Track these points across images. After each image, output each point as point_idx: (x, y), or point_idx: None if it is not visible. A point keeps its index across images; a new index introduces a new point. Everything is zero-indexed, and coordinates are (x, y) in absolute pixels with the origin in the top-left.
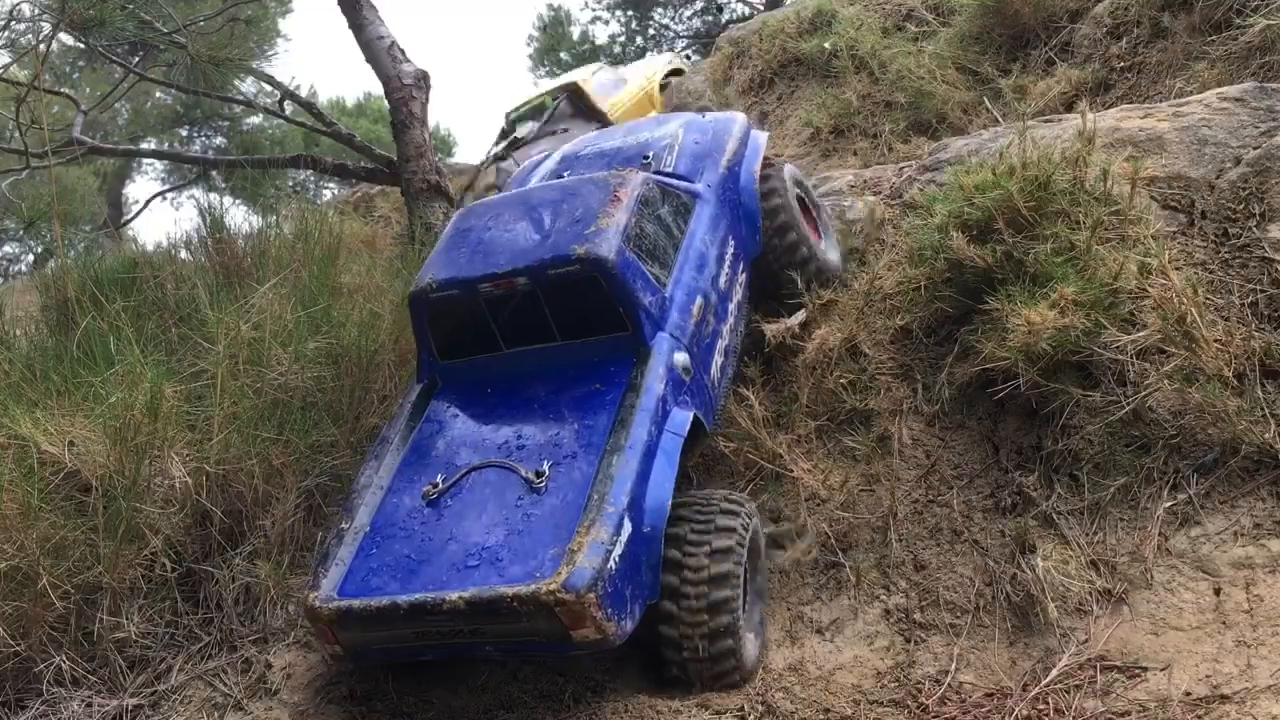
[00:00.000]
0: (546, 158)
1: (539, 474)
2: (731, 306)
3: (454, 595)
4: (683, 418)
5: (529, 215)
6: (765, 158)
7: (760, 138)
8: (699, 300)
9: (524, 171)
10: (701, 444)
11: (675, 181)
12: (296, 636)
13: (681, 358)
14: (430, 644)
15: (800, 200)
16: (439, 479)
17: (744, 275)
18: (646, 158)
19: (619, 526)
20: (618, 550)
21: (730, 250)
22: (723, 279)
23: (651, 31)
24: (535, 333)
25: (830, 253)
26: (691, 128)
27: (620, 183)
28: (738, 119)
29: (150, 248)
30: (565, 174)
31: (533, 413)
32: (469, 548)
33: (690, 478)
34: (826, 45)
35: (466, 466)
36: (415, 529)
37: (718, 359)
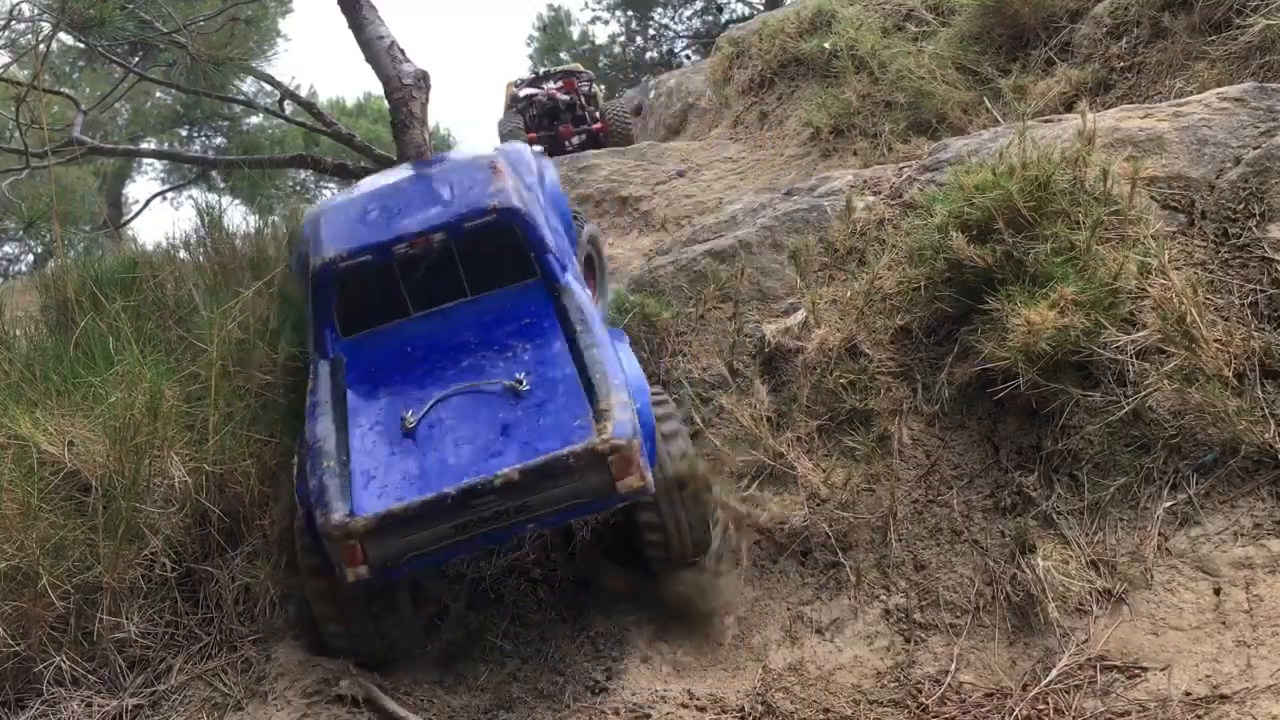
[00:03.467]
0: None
1: (519, 380)
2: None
3: (506, 469)
4: (618, 332)
5: (419, 193)
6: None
7: (550, 161)
8: (575, 259)
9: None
10: None
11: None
12: (296, 636)
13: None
14: (470, 537)
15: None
16: (408, 413)
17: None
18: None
19: (629, 394)
20: (635, 411)
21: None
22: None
23: (651, 31)
24: (443, 293)
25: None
26: (486, 156)
27: (492, 159)
28: (524, 147)
29: (150, 248)
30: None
31: (472, 351)
32: (484, 444)
33: None
34: (826, 45)
35: (433, 398)
36: (411, 450)
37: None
